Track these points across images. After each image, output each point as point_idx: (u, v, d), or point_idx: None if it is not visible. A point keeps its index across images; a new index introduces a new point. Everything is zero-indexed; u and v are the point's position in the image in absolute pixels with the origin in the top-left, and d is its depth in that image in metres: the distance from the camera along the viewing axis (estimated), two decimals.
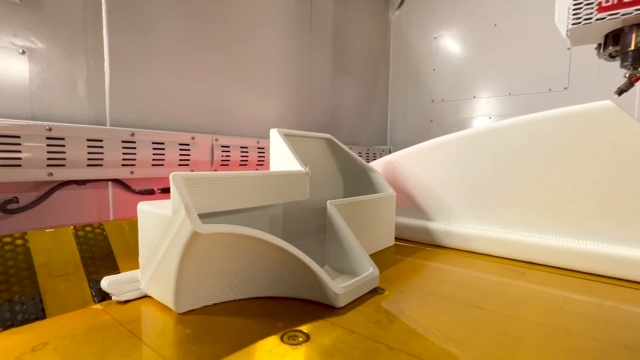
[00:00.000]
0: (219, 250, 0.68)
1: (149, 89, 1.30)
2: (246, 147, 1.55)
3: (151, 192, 1.28)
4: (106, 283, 0.74)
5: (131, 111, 1.25)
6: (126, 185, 1.22)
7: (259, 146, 1.60)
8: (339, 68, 2.34)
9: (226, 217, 0.87)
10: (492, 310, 0.71)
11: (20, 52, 1.02)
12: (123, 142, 1.14)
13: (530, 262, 1.05)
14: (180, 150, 1.30)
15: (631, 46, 1.05)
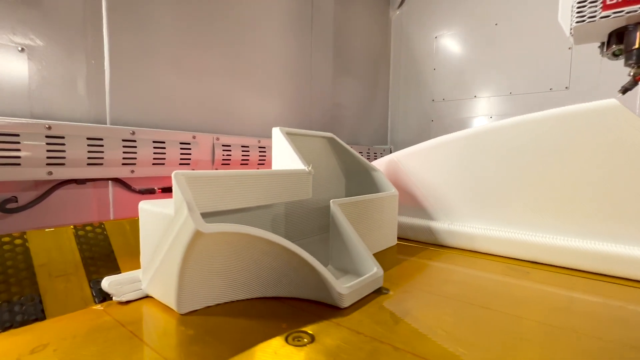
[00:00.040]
0: (221, 249, 0.67)
1: (149, 87, 1.29)
2: (247, 146, 1.54)
3: (152, 191, 1.27)
4: (107, 283, 0.73)
5: (131, 110, 1.24)
6: (126, 185, 1.21)
7: (260, 145, 1.59)
8: (339, 67, 2.33)
9: (227, 217, 0.86)
10: (498, 311, 0.70)
11: (19, 49, 1.01)
12: (123, 140, 1.13)
13: (534, 262, 1.04)
14: (181, 149, 1.29)
15: (635, 44, 1.04)
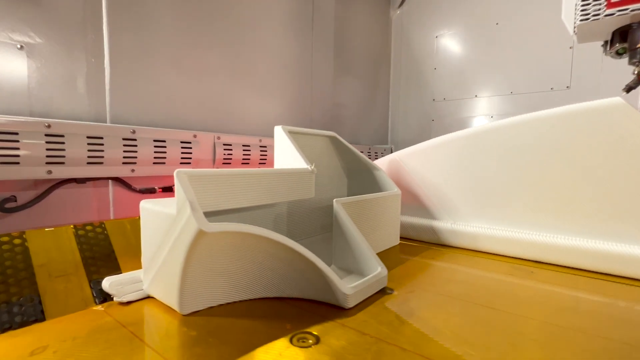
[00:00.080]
0: (225, 249, 0.66)
1: (150, 86, 1.28)
2: (248, 145, 1.53)
3: (152, 190, 1.26)
4: (108, 284, 0.72)
5: (132, 108, 1.23)
6: (127, 184, 1.20)
7: (261, 144, 1.58)
8: (340, 67, 2.33)
9: (229, 216, 0.85)
10: (505, 311, 0.69)
11: (18, 47, 1.00)
12: (124, 139, 1.11)
13: (538, 261, 1.03)
14: (182, 148, 1.28)
15: None
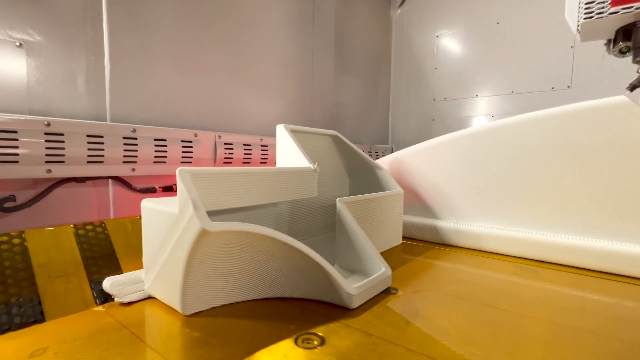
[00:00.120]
0: (228, 249, 0.65)
1: (150, 84, 1.27)
2: (249, 144, 1.52)
3: (152, 190, 1.25)
4: (108, 284, 0.71)
5: (132, 107, 1.22)
6: (127, 183, 1.19)
7: (262, 144, 1.57)
8: (340, 66, 2.32)
9: (230, 215, 0.84)
10: (511, 311, 0.69)
11: (17, 44, 0.99)
12: (124, 138, 1.10)
13: (542, 261, 1.02)
14: (183, 147, 1.27)
15: None
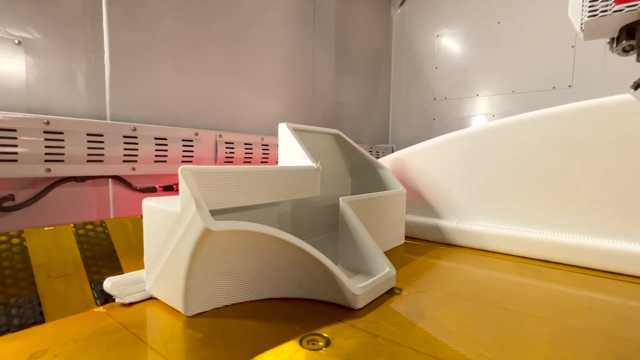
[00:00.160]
0: (231, 249, 0.64)
1: (150, 83, 1.26)
2: (250, 143, 1.51)
3: (153, 189, 1.24)
4: (109, 284, 0.70)
5: (132, 105, 1.21)
6: (127, 183, 1.18)
7: (263, 143, 1.56)
8: (341, 66, 2.31)
9: (232, 215, 0.83)
10: (517, 311, 0.68)
11: (16, 42, 0.98)
12: (124, 137, 1.09)
13: (546, 260, 1.02)
14: (184, 146, 1.26)
15: None
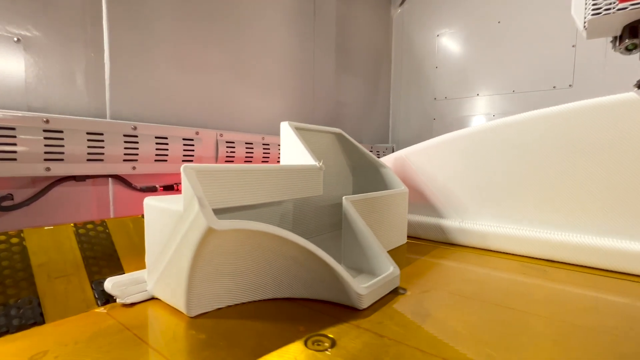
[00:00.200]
0: (234, 248, 0.63)
1: (151, 81, 1.25)
2: (251, 143, 1.50)
3: (153, 189, 1.23)
4: (110, 284, 0.69)
5: (133, 104, 1.20)
6: (127, 182, 1.17)
7: (264, 142, 1.55)
8: (341, 65, 2.30)
9: (235, 214, 0.82)
10: (523, 311, 0.67)
11: (15, 40, 0.97)
12: (125, 136, 1.08)
13: (549, 260, 1.01)
14: (184, 145, 1.25)
15: None
